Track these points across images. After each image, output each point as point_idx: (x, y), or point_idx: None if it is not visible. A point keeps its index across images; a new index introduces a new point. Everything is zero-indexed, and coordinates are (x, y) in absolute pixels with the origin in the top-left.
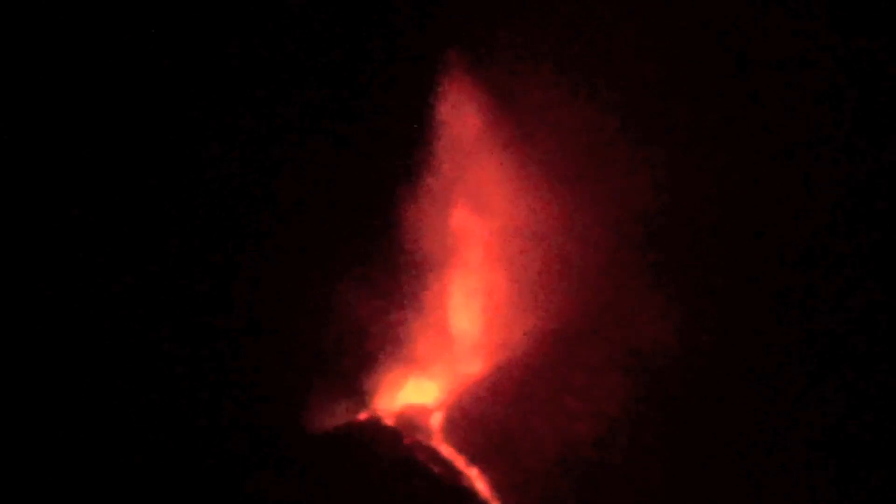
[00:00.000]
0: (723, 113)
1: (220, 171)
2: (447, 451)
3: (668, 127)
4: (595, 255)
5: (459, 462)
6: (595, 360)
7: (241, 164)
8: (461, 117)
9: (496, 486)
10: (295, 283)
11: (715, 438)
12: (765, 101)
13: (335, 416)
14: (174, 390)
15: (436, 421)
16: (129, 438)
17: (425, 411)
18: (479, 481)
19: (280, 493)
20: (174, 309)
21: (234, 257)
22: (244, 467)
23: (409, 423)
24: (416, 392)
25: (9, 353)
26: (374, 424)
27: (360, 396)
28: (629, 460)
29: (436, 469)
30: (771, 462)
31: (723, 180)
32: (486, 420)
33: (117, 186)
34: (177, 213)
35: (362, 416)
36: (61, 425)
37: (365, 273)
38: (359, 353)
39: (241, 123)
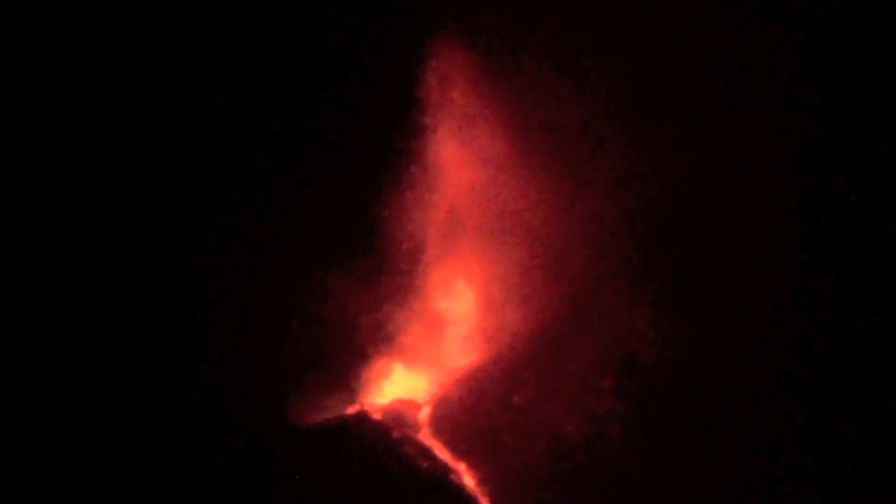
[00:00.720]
0: (720, 107)
1: (201, 163)
2: (435, 445)
3: (663, 120)
4: (585, 250)
5: (447, 457)
6: (583, 356)
7: (224, 159)
8: (448, 104)
9: (484, 481)
10: (282, 277)
11: (704, 438)
12: (760, 97)
13: (323, 411)
14: (160, 385)
15: (424, 415)
16: (114, 431)
17: (414, 406)
18: (466, 476)
19: (267, 487)
20: (159, 305)
21: (220, 252)
22: (231, 462)
23: (398, 418)
24: (404, 386)
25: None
26: (363, 418)
27: (348, 391)
28: (617, 459)
29: (424, 464)
30: (762, 461)
31: (717, 177)
32: (474, 415)
33: (103, 179)
34: (161, 207)
35: (350, 410)
36: (46, 416)
37: (352, 267)
38: (347, 348)
39: (221, 113)
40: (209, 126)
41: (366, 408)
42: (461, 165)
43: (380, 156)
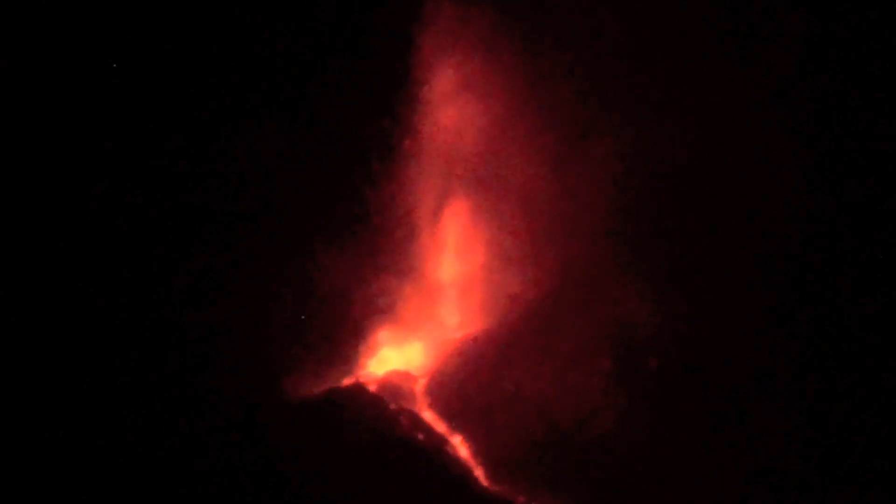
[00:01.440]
0: (717, 85)
1: (195, 140)
2: (431, 418)
3: (662, 92)
4: (583, 225)
5: (443, 429)
6: (579, 333)
7: (217, 133)
8: (444, 73)
9: (478, 454)
10: (278, 250)
11: (699, 419)
12: (755, 79)
13: (319, 383)
14: (155, 360)
15: (420, 388)
16: (107, 407)
17: (409, 378)
18: (461, 449)
19: (263, 460)
20: (154, 280)
21: (215, 227)
22: (226, 435)
23: (394, 390)
24: (400, 359)
25: None
26: (359, 391)
27: (344, 363)
28: (609, 436)
29: (419, 436)
30: (758, 443)
31: (714, 155)
32: (469, 389)
33: (99, 147)
34: (156, 182)
35: (346, 382)
36: (37, 390)
37: (348, 240)
38: (343, 320)
39: (213, 85)
40: (201, 97)
41: (362, 380)
42: (457, 136)
43: (374, 127)
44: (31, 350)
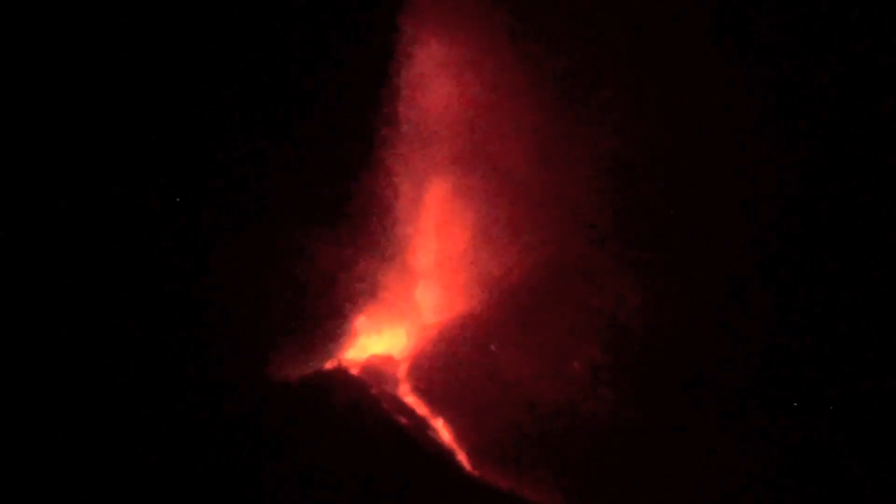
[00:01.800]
0: (712, 65)
1: (176, 131)
2: (413, 402)
3: (654, 75)
4: (570, 208)
5: (425, 413)
6: (565, 317)
7: (197, 123)
8: (423, 61)
9: (461, 438)
10: (259, 236)
11: (687, 403)
12: (752, 60)
13: (301, 367)
14: (140, 346)
15: (402, 371)
16: (94, 389)
17: (391, 362)
18: (443, 432)
19: (244, 443)
20: (138, 266)
21: (196, 213)
22: (210, 419)
23: (376, 374)
24: (382, 342)
25: None
26: (340, 375)
27: (326, 347)
28: (593, 422)
29: (401, 420)
30: (741, 434)
31: (705, 138)
32: (451, 372)
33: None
34: (144, 175)
35: (328, 365)
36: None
37: (329, 224)
38: (324, 304)
39: (198, 72)
40: (186, 85)
41: (343, 364)
42: (439, 121)
43: (356, 112)
44: (25, 339)
